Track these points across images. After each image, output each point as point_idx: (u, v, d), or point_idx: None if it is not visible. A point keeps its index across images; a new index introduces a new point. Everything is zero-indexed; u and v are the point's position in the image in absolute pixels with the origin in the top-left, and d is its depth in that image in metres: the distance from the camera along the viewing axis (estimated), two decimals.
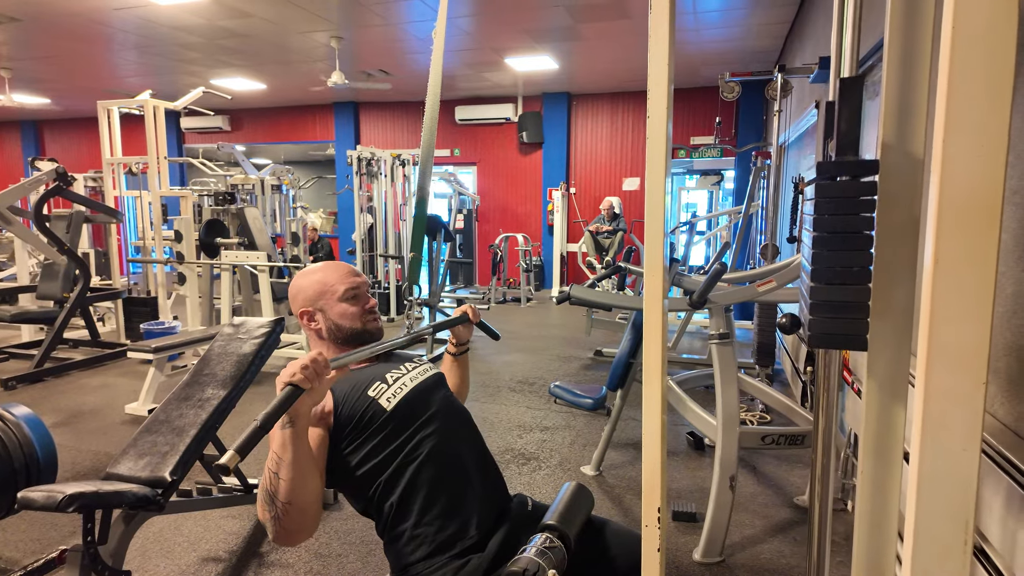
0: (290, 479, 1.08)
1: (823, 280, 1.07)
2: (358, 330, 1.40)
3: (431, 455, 1.30)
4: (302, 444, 1.09)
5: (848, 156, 1.05)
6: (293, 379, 1.04)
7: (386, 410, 1.30)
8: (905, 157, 1.11)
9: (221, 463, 0.90)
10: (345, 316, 1.38)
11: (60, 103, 9.77)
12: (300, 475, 1.09)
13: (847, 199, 1.04)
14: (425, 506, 1.27)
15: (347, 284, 1.40)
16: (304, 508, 1.11)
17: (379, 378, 1.36)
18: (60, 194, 4.54)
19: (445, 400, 1.43)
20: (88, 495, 1.56)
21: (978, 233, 0.79)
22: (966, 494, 0.81)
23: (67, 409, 3.86)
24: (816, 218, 1.07)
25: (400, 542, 1.28)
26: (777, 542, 2.37)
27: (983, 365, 0.81)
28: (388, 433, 1.29)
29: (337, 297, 1.38)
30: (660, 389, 1.27)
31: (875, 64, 2.76)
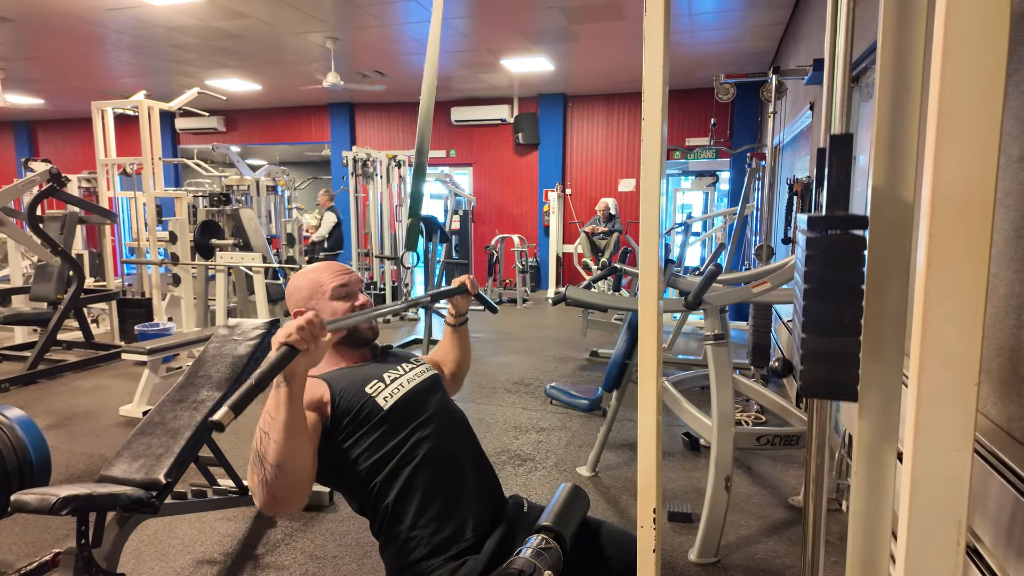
0: (280, 441, 1.06)
1: (815, 331, 1.09)
2: (349, 329, 1.39)
3: (428, 457, 1.30)
4: (296, 406, 1.08)
5: (839, 210, 1.07)
6: (289, 339, 1.03)
7: (383, 408, 1.30)
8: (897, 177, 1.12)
9: (215, 419, 0.89)
10: (336, 315, 1.37)
11: (53, 103, 9.72)
12: (291, 438, 1.07)
13: (838, 253, 1.06)
14: (421, 508, 1.27)
15: (337, 282, 1.39)
16: (293, 474, 1.09)
17: (377, 377, 1.36)
18: (54, 195, 4.52)
19: (442, 402, 1.43)
20: (82, 497, 1.56)
21: (971, 234, 0.79)
22: (959, 494, 0.82)
23: (61, 411, 3.84)
24: (808, 271, 1.09)
25: (396, 543, 1.28)
26: (772, 542, 2.38)
27: (975, 365, 0.82)
28: (384, 432, 1.29)
29: (328, 296, 1.38)
30: (655, 390, 1.27)
31: (869, 66, 2.78)
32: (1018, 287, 1.31)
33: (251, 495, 1.11)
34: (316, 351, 1.08)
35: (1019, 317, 1.30)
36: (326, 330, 1.10)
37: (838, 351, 1.07)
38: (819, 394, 1.13)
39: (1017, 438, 1.28)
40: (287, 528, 2.46)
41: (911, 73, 1.14)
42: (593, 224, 7.82)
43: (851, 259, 1.06)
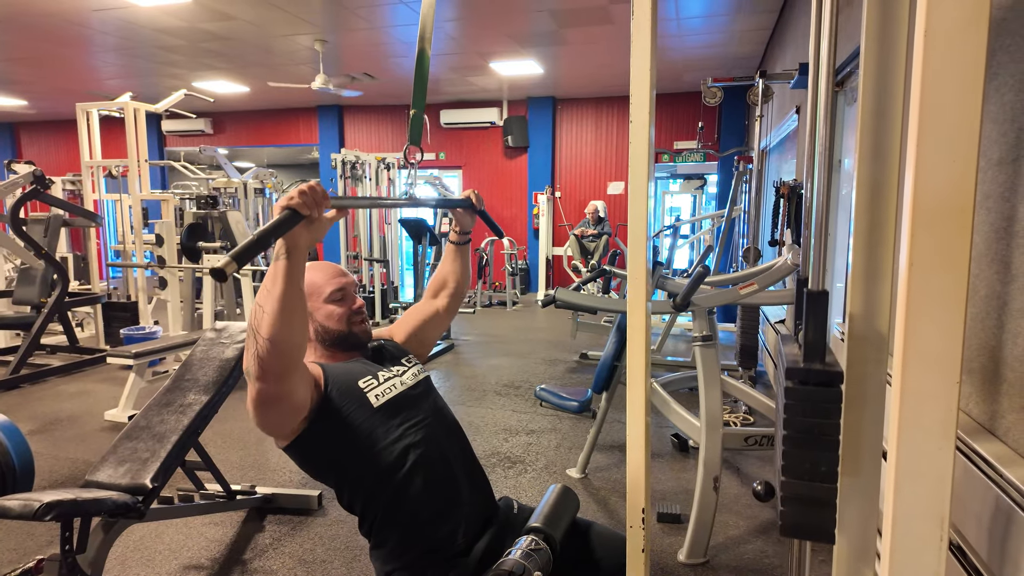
0: (274, 314, 1.03)
1: (794, 476, 1.15)
2: (344, 332, 1.37)
3: (420, 461, 1.29)
4: (293, 281, 1.05)
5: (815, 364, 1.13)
6: (291, 203, 1.00)
7: (372, 406, 1.29)
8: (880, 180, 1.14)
9: (217, 267, 0.87)
10: (331, 318, 1.36)
11: (37, 105, 9.60)
12: (286, 313, 1.04)
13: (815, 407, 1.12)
14: (413, 512, 1.27)
15: (333, 285, 1.37)
16: (285, 351, 1.07)
17: (371, 374, 1.34)
18: (37, 197, 4.47)
19: (435, 406, 1.42)
20: (66, 503, 1.54)
21: (951, 235, 0.81)
22: (941, 491, 0.83)
23: (44, 416, 3.79)
24: (787, 419, 1.14)
25: (387, 547, 1.28)
26: (760, 542, 2.40)
27: (957, 364, 0.83)
28: (374, 431, 1.28)
29: (323, 298, 1.36)
30: (644, 391, 1.28)
31: (853, 70, 2.82)
32: (998, 288, 1.34)
33: (246, 374, 1.08)
34: (318, 224, 1.06)
35: (1000, 318, 1.32)
36: (329, 202, 1.07)
37: (817, 496, 1.13)
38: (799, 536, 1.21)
39: (999, 436, 1.30)
40: (275, 532, 2.44)
41: (893, 78, 1.16)
42: (582, 227, 7.85)
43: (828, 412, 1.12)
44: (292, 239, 1.03)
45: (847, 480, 1.13)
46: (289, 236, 1.02)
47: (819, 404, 1.11)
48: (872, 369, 1.12)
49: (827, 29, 1.32)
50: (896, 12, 1.14)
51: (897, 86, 1.14)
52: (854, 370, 1.13)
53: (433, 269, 7.48)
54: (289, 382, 1.12)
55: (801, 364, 1.14)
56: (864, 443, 1.12)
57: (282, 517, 2.56)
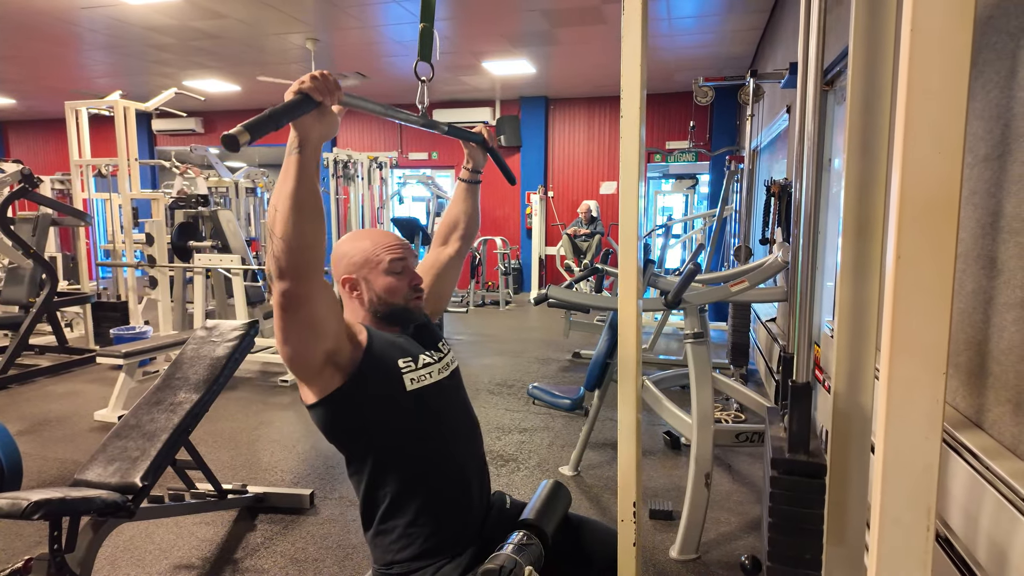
0: (287, 212, 1.00)
1: (779, 562, 1.18)
2: (400, 307, 1.32)
3: (440, 457, 1.28)
4: (306, 176, 1.00)
5: (800, 455, 1.17)
6: (303, 87, 0.97)
7: (406, 389, 1.26)
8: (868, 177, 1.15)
9: (230, 132, 0.85)
10: (388, 290, 1.31)
11: (26, 104, 9.51)
12: (298, 211, 1.00)
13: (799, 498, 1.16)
14: (423, 507, 1.26)
15: (393, 255, 1.31)
16: (300, 251, 1.03)
17: (412, 355, 1.30)
18: (25, 196, 4.42)
19: (462, 402, 1.40)
20: (54, 502, 1.53)
21: (937, 229, 0.82)
22: (928, 481, 0.84)
23: (32, 417, 3.75)
24: (772, 507, 1.18)
25: (390, 536, 1.26)
26: (752, 538, 2.41)
27: (943, 356, 0.84)
28: (402, 414, 1.25)
29: (383, 269, 1.30)
30: (635, 386, 1.29)
31: (842, 70, 2.84)
32: (985, 283, 1.35)
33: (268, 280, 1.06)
34: (330, 118, 1.02)
35: (986, 313, 1.34)
36: (341, 93, 1.03)
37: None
38: None
39: (985, 429, 1.31)
40: (267, 531, 2.43)
41: (881, 75, 1.17)
42: (575, 226, 7.86)
43: (812, 503, 1.15)
44: (304, 131, 0.99)
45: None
46: (300, 127, 0.99)
47: (803, 495, 1.15)
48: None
49: (815, 29, 1.34)
50: (883, 11, 1.16)
51: (885, 83, 1.16)
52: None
53: None
54: (309, 284, 1.07)
55: (786, 455, 1.17)
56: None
57: (274, 516, 2.55)
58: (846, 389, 1.19)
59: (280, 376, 4.50)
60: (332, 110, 1.04)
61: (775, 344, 3.83)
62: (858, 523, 1.18)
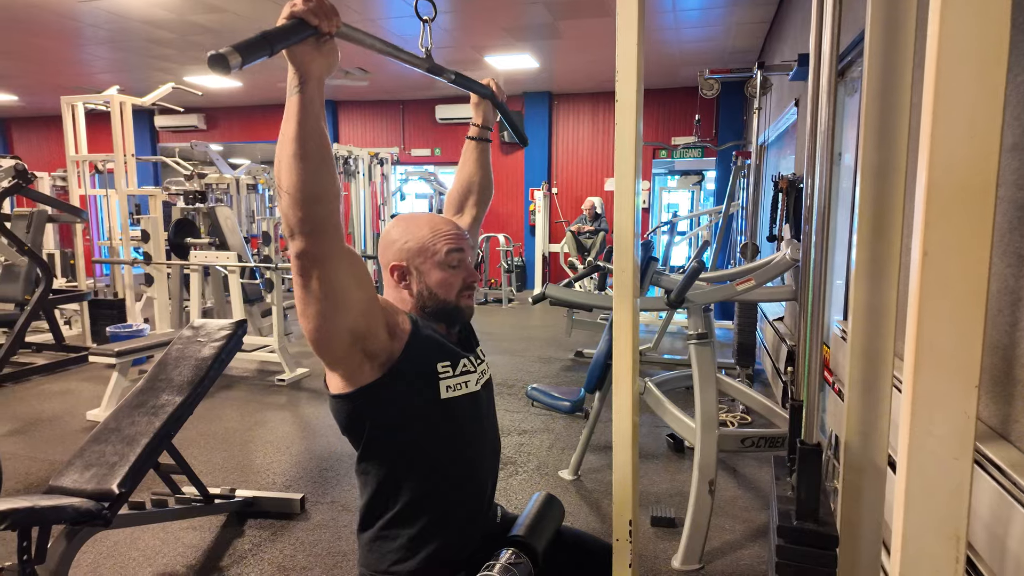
0: (291, 159, 0.88)
1: None
2: (451, 305, 1.21)
3: (464, 470, 1.20)
4: (309, 116, 0.89)
5: (808, 524, 1.08)
6: (296, 9, 0.84)
7: (440, 396, 1.16)
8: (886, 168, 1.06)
9: (219, 52, 0.75)
10: (442, 284, 1.19)
11: (27, 100, 9.48)
12: (304, 157, 0.89)
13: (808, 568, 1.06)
14: (435, 521, 1.17)
15: (453, 245, 1.19)
16: (309, 202, 0.91)
17: (451, 359, 1.19)
18: (19, 192, 4.36)
19: (491, 416, 1.31)
20: (21, 511, 1.45)
21: (970, 222, 0.72)
22: (958, 506, 0.75)
23: (25, 416, 3.70)
24: None
25: (392, 544, 1.16)
26: (757, 547, 2.32)
27: (975, 366, 0.75)
28: (430, 421, 1.16)
29: (438, 260, 1.18)
30: (631, 393, 1.19)
31: (854, 59, 2.73)
32: (1011, 282, 1.25)
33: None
34: (329, 47, 0.90)
35: (1013, 314, 1.24)
36: (340, 20, 0.90)
37: None
38: None
39: (1012, 441, 1.21)
40: (255, 538, 2.36)
41: (901, 55, 1.07)
42: (579, 223, 7.76)
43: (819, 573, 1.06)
44: (303, 64, 0.87)
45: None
46: (299, 60, 0.87)
47: (812, 567, 1.06)
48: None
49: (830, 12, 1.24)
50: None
51: (905, 63, 1.06)
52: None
53: None
54: (325, 242, 0.94)
55: (794, 522, 1.08)
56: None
57: (263, 521, 2.47)
58: (860, 398, 1.09)
59: (277, 375, 4.43)
60: (332, 41, 0.92)
61: (782, 344, 3.73)
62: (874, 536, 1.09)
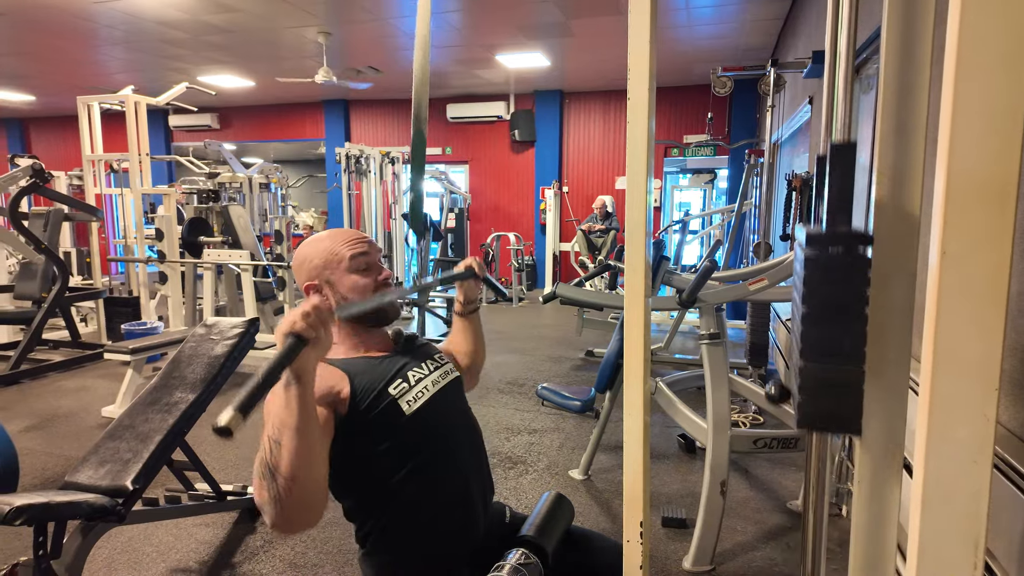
0: (294, 448, 0.92)
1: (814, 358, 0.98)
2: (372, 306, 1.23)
3: (440, 475, 1.19)
4: (308, 407, 0.94)
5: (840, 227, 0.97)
6: (295, 328, 0.90)
7: (405, 414, 1.16)
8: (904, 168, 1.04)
9: (221, 425, 0.77)
10: (355, 290, 1.21)
11: (45, 100, 9.61)
12: (305, 444, 0.93)
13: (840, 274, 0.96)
14: (422, 528, 1.17)
15: (356, 250, 1.22)
16: (309, 487, 0.94)
17: (401, 376, 1.21)
18: (36, 191, 4.42)
19: (463, 413, 1.32)
20: (37, 507, 1.47)
21: (991, 221, 0.71)
22: (977, 512, 0.73)
23: (41, 412, 3.75)
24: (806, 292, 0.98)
25: (387, 557, 1.18)
26: (770, 549, 2.29)
27: (995, 368, 0.73)
28: (402, 439, 1.16)
29: (345, 267, 1.21)
30: (642, 393, 1.18)
31: (870, 56, 2.69)
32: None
33: (262, 513, 0.95)
34: (326, 340, 0.95)
35: None
36: (334, 316, 0.96)
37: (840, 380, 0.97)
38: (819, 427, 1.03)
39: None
40: (267, 534, 2.37)
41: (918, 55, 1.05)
42: (590, 222, 7.74)
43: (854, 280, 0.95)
44: (300, 363, 0.92)
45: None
46: (297, 363, 0.92)
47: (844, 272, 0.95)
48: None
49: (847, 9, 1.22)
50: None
51: (923, 59, 1.04)
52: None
53: (437, 265, 7.40)
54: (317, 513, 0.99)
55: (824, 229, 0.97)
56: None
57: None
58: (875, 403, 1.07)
59: None
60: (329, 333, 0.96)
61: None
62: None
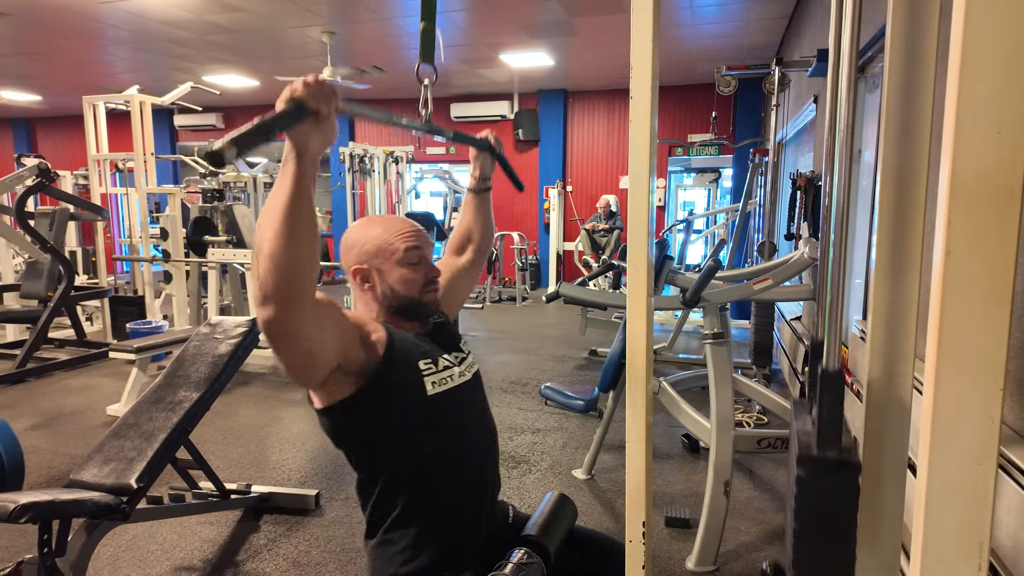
0: (277, 225, 0.89)
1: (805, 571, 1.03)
2: (414, 301, 1.23)
3: (458, 468, 1.20)
4: (302, 188, 0.90)
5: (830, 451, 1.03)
6: (295, 93, 0.87)
7: (426, 393, 1.17)
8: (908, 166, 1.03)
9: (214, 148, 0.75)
10: (404, 283, 1.21)
11: (51, 100, 9.66)
12: (291, 225, 0.89)
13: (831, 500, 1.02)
14: (437, 519, 1.17)
15: (408, 243, 1.21)
16: (287, 272, 0.90)
17: (432, 356, 1.22)
18: (42, 191, 4.45)
19: (481, 409, 1.32)
20: (42, 505, 1.48)
21: (995, 220, 0.70)
22: (981, 513, 0.73)
23: (47, 411, 3.77)
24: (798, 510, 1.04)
25: (396, 547, 1.17)
26: (773, 550, 2.29)
27: (1000, 369, 0.73)
28: (420, 420, 1.16)
29: (397, 259, 1.21)
30: (645, 393, 1.18)
31: (875, 55, 2.68)
32: None
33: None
34: (328, 125, 0.92)
35: None
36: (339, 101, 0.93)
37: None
38: None
39: None
40: (270, 533, 2.38)
41: (924, 49, 1.05)
42: (594, 221, 7.73)
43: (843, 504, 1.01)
44: (301, 139, 0.89)
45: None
46: (296, 137, 0.89)
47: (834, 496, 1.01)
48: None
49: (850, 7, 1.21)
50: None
51: (928, 57, 1.03)
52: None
53: None
54: (298, 312, 0.94)
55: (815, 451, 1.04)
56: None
57: (278, 517, 2.49)
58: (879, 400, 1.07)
59: None
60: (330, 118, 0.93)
61: (800, 343, 3.68)
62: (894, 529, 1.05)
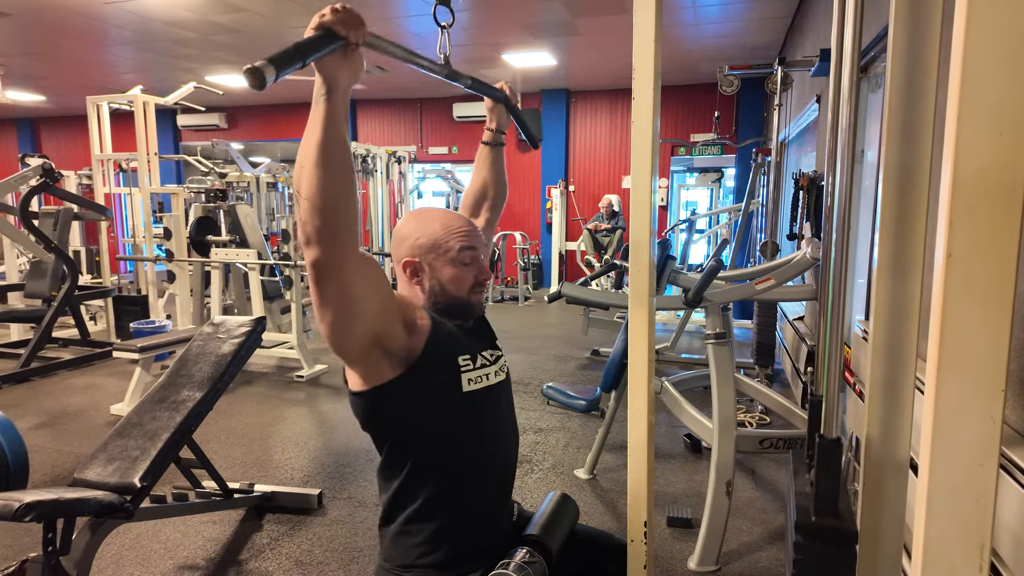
0: (313, 167, 0.89)
1: None
2: (462, 301, 1.22)
3: (487, 465, 1.20)
4: (334, 125, 0.90)
5: (828, 520, 1.05)
6: (323, 20, 0.85)
7: (461, 389, 1.16)
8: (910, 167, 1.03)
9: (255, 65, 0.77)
10: (454, 281, 1.19)
11: (55, 100, 9.69)
12: (327, 165, 0.90)
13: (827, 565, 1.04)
14: (458, 515, 1.17)
15: (463, 243, 1.19)
16: (329, 211, 0.91)
17: (471, 352, 1.20)
18: (46, 190, 4.46)
19: (509, 409, 1.32)
20: (47, 503, 1.48)
21: (996, 222, 0.70)
22: (982, 513, 0.73)
23: (51, 410, 3.78)
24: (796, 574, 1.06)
25: (415, 539, 1.16)
26: (775, 549, 2.29)
27: (1001, 370, 0.73)
28: (455, 414, 1.16)
29: (450, 257, 1.19)
30: (646, 394, 1.18)
31: (877, 55, 2.68)
32: None
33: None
34: (355, 58, 0.91)
35: None
36: (366, 30, 0.92)
37: None
38: None
39: None
40: (273, 532, 2.39)
41: (926, 51, 1.05)
42: (596, 221, 7.73)
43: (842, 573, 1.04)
44: (330, 73, 0.89)
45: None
46: (326, 69, 0.89)
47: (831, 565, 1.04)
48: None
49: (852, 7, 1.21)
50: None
51: (930, 58, 1.03)
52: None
53: None
54: (341, 251, 0.95)
55: (813, 518, 1.06)
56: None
57: (281, 516, 2.50)
58: (881, 400, 1.07)
59: (296, 372, 4.47)
60: (358, 51, 0.93)
61: (802, 343, 3.68)
62: (896, 529, 1.06)
